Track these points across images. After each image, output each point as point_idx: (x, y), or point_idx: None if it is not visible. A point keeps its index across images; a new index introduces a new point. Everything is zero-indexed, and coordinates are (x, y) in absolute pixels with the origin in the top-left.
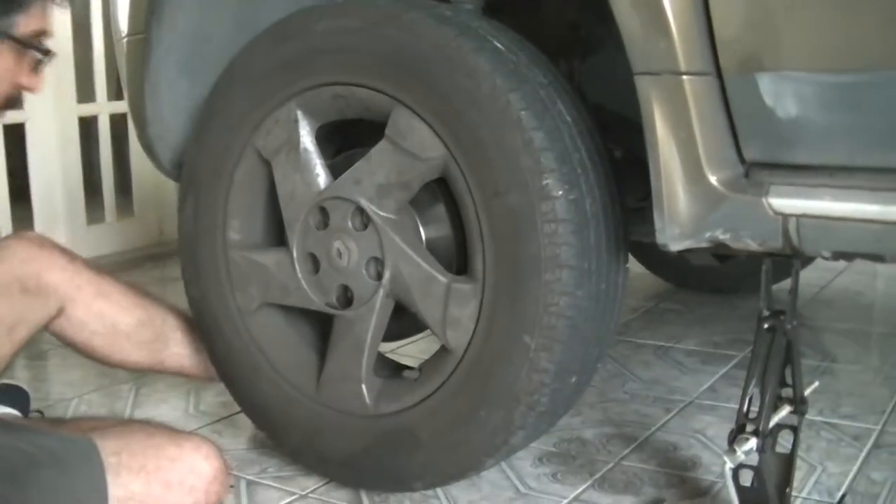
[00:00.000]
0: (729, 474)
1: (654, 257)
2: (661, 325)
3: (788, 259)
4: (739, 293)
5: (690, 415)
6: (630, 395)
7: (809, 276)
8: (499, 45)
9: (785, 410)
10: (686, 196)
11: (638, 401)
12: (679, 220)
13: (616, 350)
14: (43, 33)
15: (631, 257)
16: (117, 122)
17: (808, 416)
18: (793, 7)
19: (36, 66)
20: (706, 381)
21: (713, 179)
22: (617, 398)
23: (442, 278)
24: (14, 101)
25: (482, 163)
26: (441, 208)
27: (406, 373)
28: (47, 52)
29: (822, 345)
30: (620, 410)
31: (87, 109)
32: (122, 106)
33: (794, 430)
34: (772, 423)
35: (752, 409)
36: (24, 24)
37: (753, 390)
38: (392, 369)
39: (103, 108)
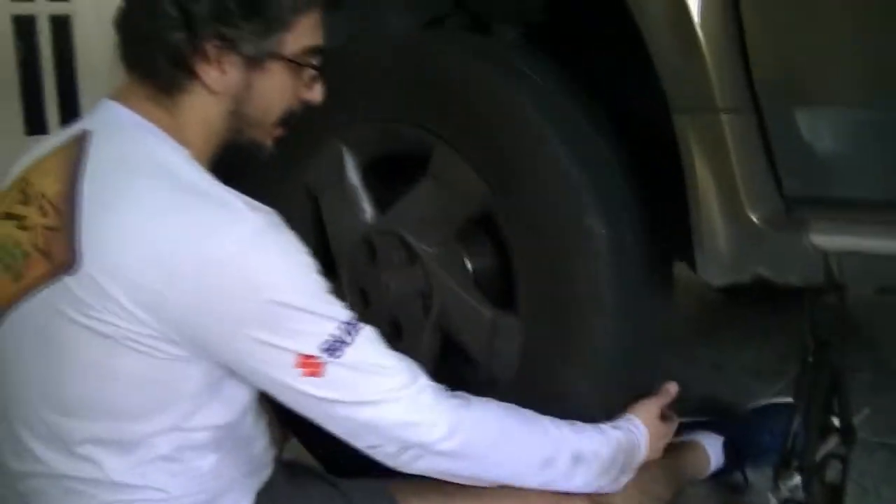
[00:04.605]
0: None
1: None
2: (713, 339)
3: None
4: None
5: None
6: None
7: None
8: (539, 79)
9: (833, 441)
10: (726, 233)
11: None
12: (719, 257)
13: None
14: (314, 49)
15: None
16: None
17: (861, 436)
18: (831, 43)
19: (313, 81)
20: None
21: (753, 216)
22: None
23: (487, 312)
24: (292, 117)
25: (523, 200)
26: (487, 241)
27: None
28: (318, 68)
29: (876, 357)
30: None
31: None
32: None
33: (843, 459)
34: (820, 455)
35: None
36: (292, 42)
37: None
38: None
39: None
